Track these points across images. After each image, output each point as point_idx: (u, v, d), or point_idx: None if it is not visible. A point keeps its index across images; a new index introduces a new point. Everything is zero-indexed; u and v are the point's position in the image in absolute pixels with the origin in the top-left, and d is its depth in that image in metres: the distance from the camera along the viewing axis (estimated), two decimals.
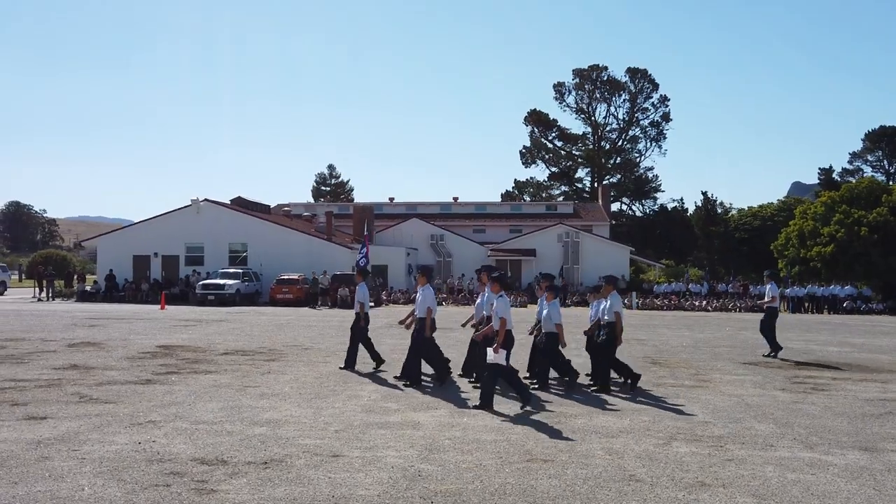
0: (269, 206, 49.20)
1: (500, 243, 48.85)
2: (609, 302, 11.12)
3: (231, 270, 35.64)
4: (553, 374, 11.27)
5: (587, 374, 11.64)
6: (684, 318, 29.92)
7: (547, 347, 10.86)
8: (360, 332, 12.56)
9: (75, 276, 40.90)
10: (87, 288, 38.27)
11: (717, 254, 61.25)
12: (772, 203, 63.73)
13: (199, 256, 39.22)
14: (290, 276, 34.74)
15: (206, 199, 39.61)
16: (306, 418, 8.29)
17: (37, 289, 38.68)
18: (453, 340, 15.66)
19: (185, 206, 39.49)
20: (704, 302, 37.16)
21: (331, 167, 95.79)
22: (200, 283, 34.53)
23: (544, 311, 11.05)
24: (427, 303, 10.96)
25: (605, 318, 11.14)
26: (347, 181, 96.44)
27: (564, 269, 45.81)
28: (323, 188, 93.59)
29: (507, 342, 9.24)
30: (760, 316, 16.67)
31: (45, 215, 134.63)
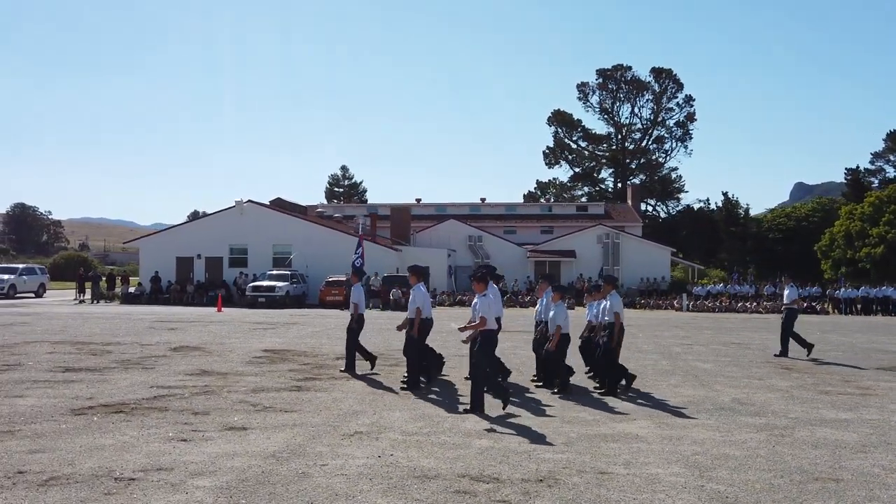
0: (305, 207, 48.91)
1: (538, 244, 48.46)
2: (609, 302, 10.70)
3: (279, 272, 35.29)
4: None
5: (586, 373, 11.60)
6: (747, 320, 29.46)
7: (556, 349, 10.54)
8: (355, 334, 12.29)
9: (118, 278, 40.55)
10: (131, 290, 37.94)
11: (749, 254, 60.73)
12: (805, 203, 63.23)
13: (242, 258, 38.87)
14: (339, 278, 34.34)
15: (249, 201, 39.28)
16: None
17: (77, 290, 38.34)
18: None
19: (228, 208, 39.18)
20: (755, 304, 36.71)
21: (344, 168, 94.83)
22: (250, 285, 34.21)
23: (551, 313, 10.72)
24: (416, 303, 10.66)
25: (606, 318, 10.75)
26: (360, 182, 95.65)
27: (605, 271, 45.38)
28: (336, 189, 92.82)
29: (489, 342, 9.05)
30: (822, 318, 16.40)
31: (50, 217, 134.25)
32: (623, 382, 10.69)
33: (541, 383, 11.03)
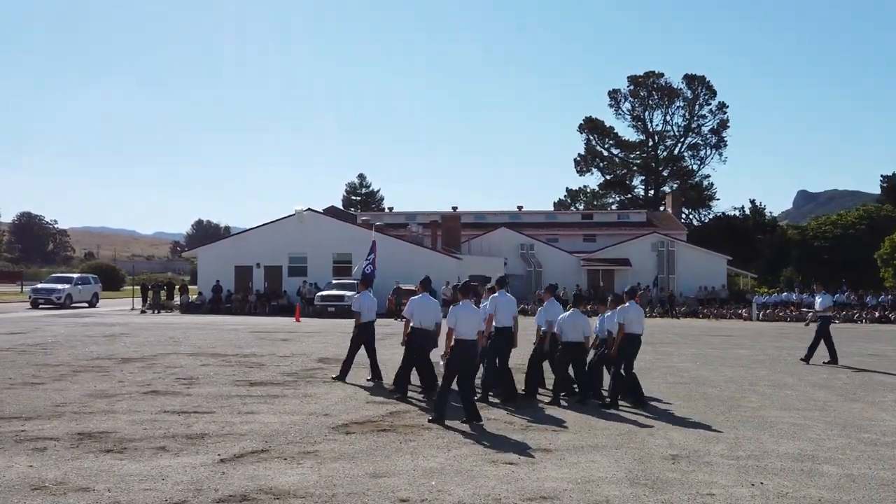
0: (355, 215, 48.56)
1: (591, 253, 47.95)
2: (616, 315, 10.42)
3: (346, 281, 34.81)
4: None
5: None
6: (838, 329, 28.82)
7: (561, 358, 10.32)
8: (357, 343, 12.14)
9: (177, 288, 40.18)
10: (192, 299, 37.53)
11: (791, 263, 60.13)
12: (850, 211, 62.70)
13: (302, 267, 38.40)
14: (409, 287, 33.84)
15: (308, 209, 38.90)
16: (769, 452, 7.44)
17: (142, 300, 37.93)
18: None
19: (288, 216, 38.77)
20: None
21: (361, 176, 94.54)
22: (319, 294, 33.78)
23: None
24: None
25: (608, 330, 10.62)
26: (378, 190, 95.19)
27: (659, 279, 44.92)
28: (353, 197, 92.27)
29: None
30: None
31: (55, 226, 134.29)
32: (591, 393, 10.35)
33: (524, 392, 10.74)
